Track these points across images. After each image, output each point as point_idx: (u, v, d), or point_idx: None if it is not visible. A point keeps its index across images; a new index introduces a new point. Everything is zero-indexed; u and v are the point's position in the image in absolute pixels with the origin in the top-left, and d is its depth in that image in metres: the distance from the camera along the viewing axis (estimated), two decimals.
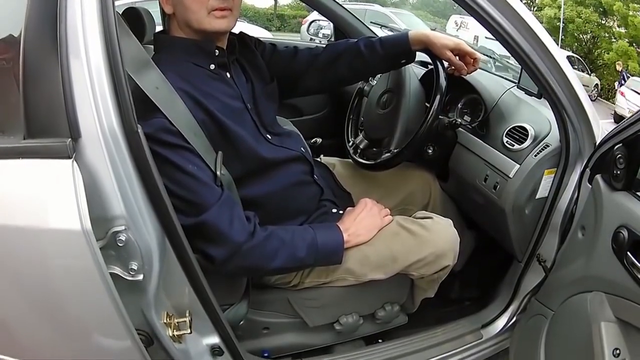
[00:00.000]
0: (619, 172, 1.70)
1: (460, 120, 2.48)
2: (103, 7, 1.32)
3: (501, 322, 2.51)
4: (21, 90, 1.28)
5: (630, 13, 25.98)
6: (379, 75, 2.75)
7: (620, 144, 1.70)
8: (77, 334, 1.49)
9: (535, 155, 2.16)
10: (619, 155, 1.69)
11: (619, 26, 27.82)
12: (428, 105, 2.25)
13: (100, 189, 1.33)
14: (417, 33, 2.27)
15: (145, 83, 1.56)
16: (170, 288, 1.62)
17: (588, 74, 22.94)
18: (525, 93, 2.46)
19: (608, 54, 27.30)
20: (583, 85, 1.98)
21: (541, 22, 1.89)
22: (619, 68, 22.98)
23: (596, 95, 22.98)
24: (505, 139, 2.28)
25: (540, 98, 2.33)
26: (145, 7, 2.49)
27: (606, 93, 24.76)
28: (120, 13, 2.31)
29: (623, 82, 21.18)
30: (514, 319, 2.49)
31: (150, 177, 1.41)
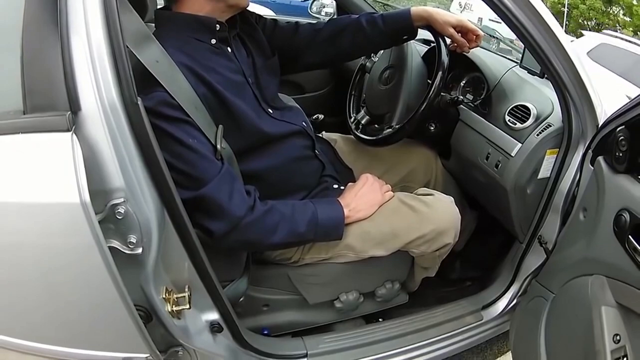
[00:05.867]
0: (621, 154, 1.68)
1: (462, 98, 2.48)
2: None
3: (502, 304, 2.52)
4: (21, 65, 1.28)
5: (635, 2, 25.95)
6: (381, 52, 2.74)
7: (623, 126, 1.68)
8: (74, 309, 1.48)
9: (538, 135, 2.15)
10: (621, 138, 1.67)
11: (624, 14, 27.79)
12: (430, 81, 2.23)
13: (99, 162, 1.32)
14: (419, 9, 2.25)
15: (146, 57, 1.56)
16: (170, 263, 1.62)
17: None
18: (528, 72, 2.45)
19: None
20: None
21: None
22: None
23: None
24: (507, 118, 2.27)
25: (542, 77, 2.33)
26: None
27: None
28: None
29: None
30: (515, 300, 2.50)
31: (150, 150, 1.40)
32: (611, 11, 28.63)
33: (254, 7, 2.07)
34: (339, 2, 3.57)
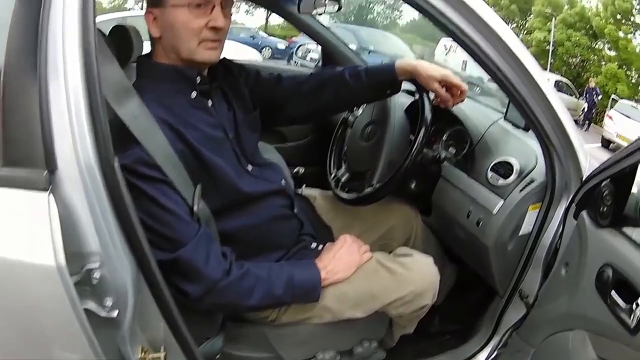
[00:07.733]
0: (605, 208, 1.69)
1: (445, 154, 2.47)
2: (84, 31, 1.31)
3: (481, 358, 2.49)
4: (1, 112, 1.26)
5: (621, 35, 26.35)
6: (364, 106, 2.73)
7: (608, 180, 1.69)
8: None
9: (521, 191, 2.15)
10: (606, 192, 1.68)
11: (609, 49, 28.21)
12: (413, 137, 2.23)
13: (76, 224, 1.30)
14: (403, 63, 2.25)
15: (124, 112, 1.54)
16: (145, 322, 1.59)
17: (577, 97, 23.20)
18: (512, 125, 2.45)
19: (596, 77, 27.61)
20: (571, 109, 1.99)
21: (531, 46, 1.91)
22: (592, 85, 23.51)
23: (584, 119, 23.23)
24: (489, 174, 2.27)
25: (527, 131, 2.32)
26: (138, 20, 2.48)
27: (595, 117, 24.98)
28: (108, 32, 2.29)
29: (594, 96, 22.13)
30: (495, 353, 2.47)
31: (126, 214, 1.38)
32: (596, 46, 29.08)
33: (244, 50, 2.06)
34: (324, 49, 3.61)
